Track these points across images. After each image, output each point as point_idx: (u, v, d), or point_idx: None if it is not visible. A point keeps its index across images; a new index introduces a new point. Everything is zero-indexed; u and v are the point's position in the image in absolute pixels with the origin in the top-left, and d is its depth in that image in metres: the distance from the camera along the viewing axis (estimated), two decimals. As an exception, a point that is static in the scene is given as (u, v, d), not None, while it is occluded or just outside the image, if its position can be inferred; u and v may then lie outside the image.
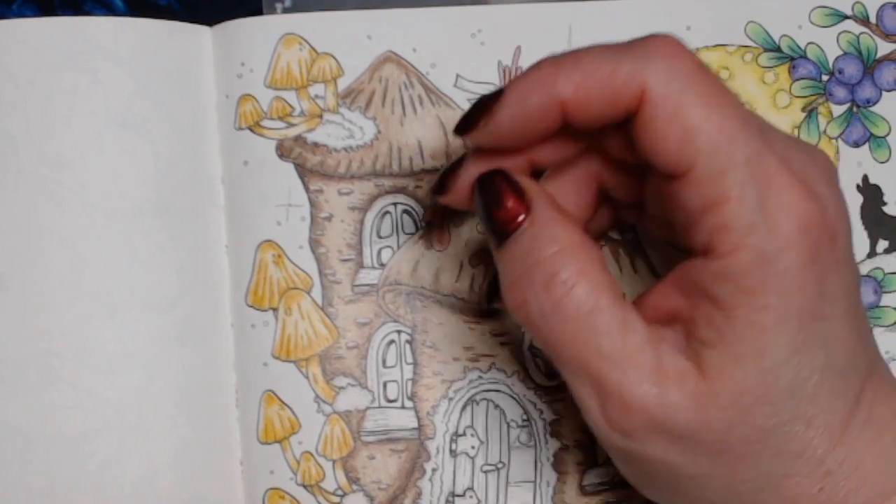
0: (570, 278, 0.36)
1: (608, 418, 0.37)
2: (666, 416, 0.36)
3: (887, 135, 0.49)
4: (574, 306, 0.36)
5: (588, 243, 0.37)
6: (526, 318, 0.37)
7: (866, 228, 0.50)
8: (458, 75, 0.48)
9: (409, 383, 0.47)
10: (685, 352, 0.37)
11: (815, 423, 0.37)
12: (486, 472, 0.47)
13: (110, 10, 0.50)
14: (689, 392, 0.36)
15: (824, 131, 0.49)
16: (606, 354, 0.36)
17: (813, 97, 0.49)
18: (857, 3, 0.50)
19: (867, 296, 0.49)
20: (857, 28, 0.50)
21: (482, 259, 0.48)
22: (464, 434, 0.47)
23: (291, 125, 0.47)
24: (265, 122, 0.47)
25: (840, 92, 0.49)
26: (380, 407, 0.47)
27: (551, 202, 0.38)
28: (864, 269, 0.49)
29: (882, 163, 0.49)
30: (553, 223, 0.37)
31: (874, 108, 0.49)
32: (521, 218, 0.38)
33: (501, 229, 0.38)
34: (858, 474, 0.37)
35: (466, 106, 0.47)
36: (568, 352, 0.37)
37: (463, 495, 0.47)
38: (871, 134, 0.49)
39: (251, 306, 0.47)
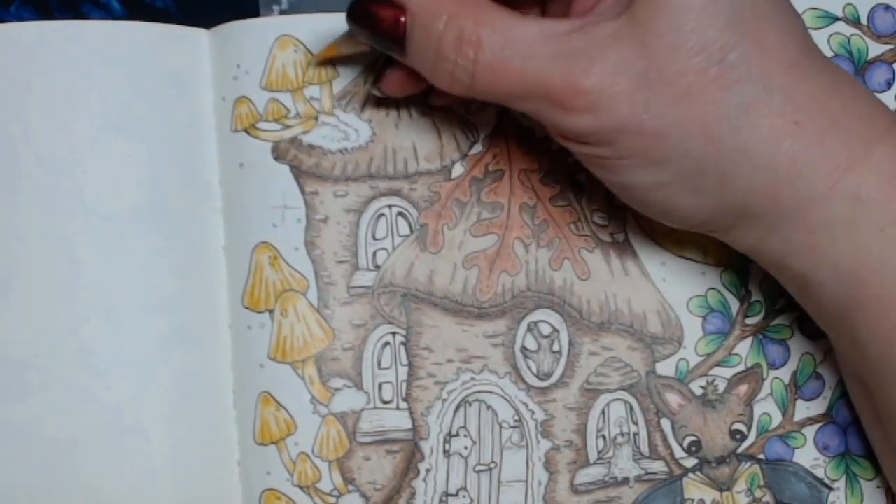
0: (471, 33, 0.39)
1: (577, 113, 0.39)
2: (615, 76, 0.38)
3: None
4: (489, 50, 0.39)
5: None
6: (464, 91, 0.40)
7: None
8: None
9: (404, 385, 0.48)
10: (613, 14, 0.39)
11: (768, 47, 0.39)
12: (478, 472, 0.48)
13: (107, 13, 0.50)
14: (629, 44, 0.38)
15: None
16: (537, 66, 0.39)
17: (805, 103, 0.50)
18: (849, 4, 0.50)
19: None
20: (848, 30, 0.50)
21: (476, 261, 0.48)
22: (457, 435, 0.48)
23: (287, 127, 0.47)
24: (261, 125, 0.47)
25: (831, 97, 0.50)
26: (375, 408, 0.48)
27: None
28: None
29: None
30: (430, 4, 0.40)
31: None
32: (403, 19, 0.41)
33: (395, 39, 0.41)
34: (828, 115, 0.39)
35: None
36: (511, 87, 0.40)
37: (456, 495, 0.48)
38: (861, 136, 0.50)
39: (247, 308, 0.47)
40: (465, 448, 0.48)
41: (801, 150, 0.39)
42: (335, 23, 0.47)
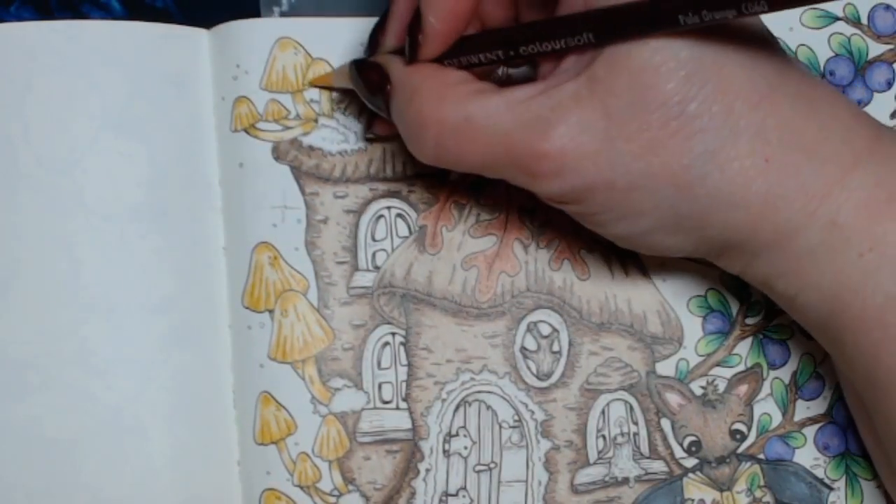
0: (432, 109, 0.40)
1: (545, 178, 0.39)
2: (578, 137, 0.38)
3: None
4: (452, 124, 0.40)
5: (439, 69, 0.41)
6: (434, 161, 0.41)
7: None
8: (451, 83, 0.48)
9: (404, 385, 0.48)
10: (574, 73, 0.39)
11: (732, 90, 0.38)
12: (478, 471, 0.48)
13: (107, 13, 0.50)
14: (589, 104, 0.38)
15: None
16: (501, 135, 0.39)
17: (805, 102, 0.49)
18: (849, 4, 0.50)
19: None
20: (848, 29, 0.50)
21: (475, 262, 0.48)
22: (456, 434, 0.48)
23: (287, 128, 0.47)
24: (261, 125, 0.47)
25: (831, 96, 0.50)
26: (375, 408, 0.48)
27: (402, 61, 0.42)
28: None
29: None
30: (406, 76, 0.42)
31: (866, 110, 0.50)
32: (388, 87, 0.42)
33: (381, 100, 0.43)
34: (802, 145, 0.39)
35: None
36: (479, 158, 0.40)
37: (456, 495, 0.48)
38: (861, 136, 0.50)
39: (247, 308, 0.47)
40: (465, 448, 0.48)
41: (774, 186, 0.39)
42: (335, 26, 0.47)
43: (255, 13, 0.49)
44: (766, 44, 0.40)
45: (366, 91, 0.43)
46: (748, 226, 0.39)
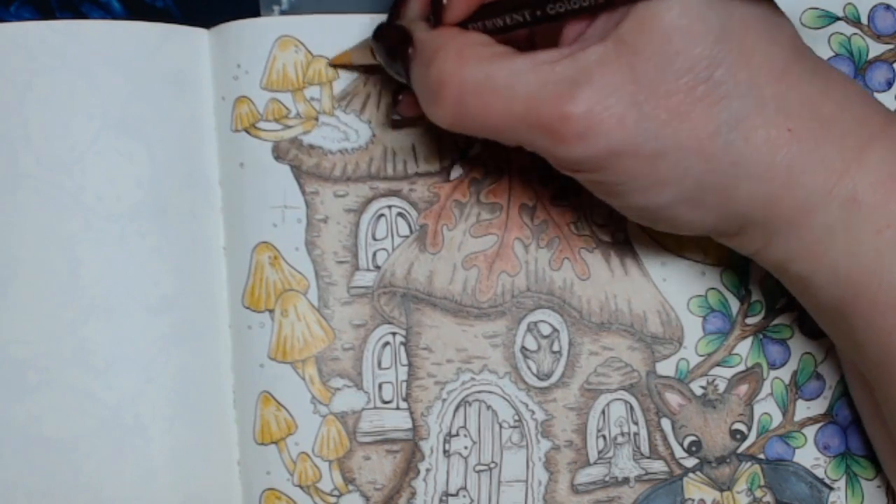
0: (453, 68, 0.39)
1: (569, 141, 0.39)
2: (604, 100, 0.38)
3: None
4: (473, 83, 0.39)
5: (462, 32, 0.41)
6: (454, 124, 0.40)
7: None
8: (452, 81, 0.48)
9: (404, 385, 0.48)
10: (600, 37, 0.39)
11: (755, 59, 0.38)
12: (478, 471, 0.48)
13: (108, 13, 0.50)
14: (616, 68, 0.38)
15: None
16: (524, 96, 0.39)
17: (805, 103, 0.50)
18: (849, 4, 0.50)
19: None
20: (848, 29, 0.50)
21: (475, 262, 0.48)
22: (457, 434, 0.48)
23: (287, 127, 0.47)
24: (261, 124, 0.47)
25: (831, 97, 0.50)
26: (375, 408, 0.48)
27: (425, 25, 0.42)
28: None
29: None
30: (429, 37, 0.41)
31: (864, 110, 0.50)
32: (409, 51, 0.41)
33: (402, 63, 0.42)
34: (821, 119, 0.39)
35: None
36: (500, 119, 0.39)
37: (456, 495, 0.48)
38: (861, 136, 0.50)
39: (248, 308, 0.47)
40: (465, 448, 0.48)
41: (797, 158, 0.39)
42: (336, 24, 0.47)
43: (255, 12, 0.49)
44: (783, 23, 0.40)
45: (386, 56, 0.43)
46: (770, 200, 0.39)
